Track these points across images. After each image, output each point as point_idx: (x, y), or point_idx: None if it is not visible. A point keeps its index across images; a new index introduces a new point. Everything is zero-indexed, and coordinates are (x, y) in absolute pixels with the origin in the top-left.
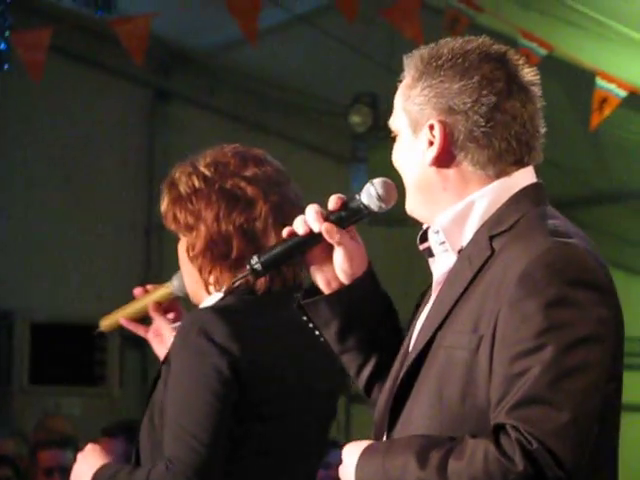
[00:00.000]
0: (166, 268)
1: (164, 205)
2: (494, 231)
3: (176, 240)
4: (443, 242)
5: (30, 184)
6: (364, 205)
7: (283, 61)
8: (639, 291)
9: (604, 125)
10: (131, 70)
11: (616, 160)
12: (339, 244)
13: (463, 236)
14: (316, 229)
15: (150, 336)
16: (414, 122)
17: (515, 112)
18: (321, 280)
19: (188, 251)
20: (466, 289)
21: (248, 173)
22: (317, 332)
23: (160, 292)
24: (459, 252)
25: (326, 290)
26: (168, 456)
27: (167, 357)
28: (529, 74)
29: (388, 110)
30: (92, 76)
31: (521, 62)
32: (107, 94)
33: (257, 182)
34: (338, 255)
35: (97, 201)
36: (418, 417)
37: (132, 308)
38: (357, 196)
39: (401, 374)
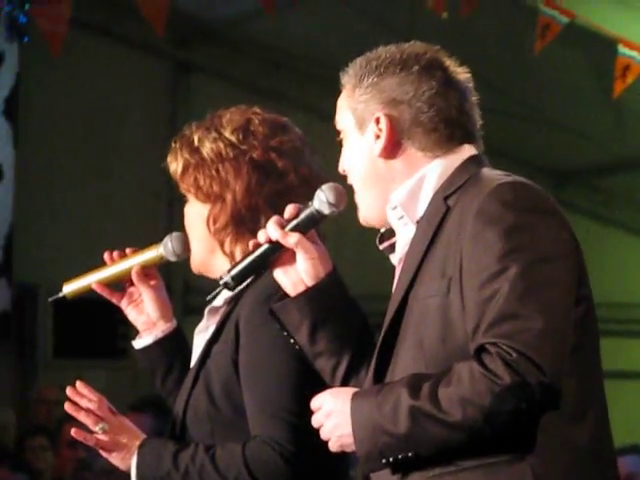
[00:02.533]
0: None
1: (180, 166)
2: (447, 192)
3: None
4: (402, 217)
5: (52, 158)
6: (316, 210)
7: (302, 31)
8: None
9: (627, 93)
10: (152, 42)
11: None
12: (297, 248)
13: (419, 207)
14: (274, 237)
15: (124, 304)
16: (360, 119)
17: (456, 102)
18: (288, 285)
19: (209, 222)
20: (429, 246)
21: (277, 143)
22: (292, 340)
23: (148, 256)
24: (417, 222)
25: (293, 294)
26: (271, 437)
27: (217, 335)
28: (462, 73)
29: None
30: (113, 48)
31: (452, 62)
32: (128, 66)
33: (287, 154)
34: (300, 258)
35: (121, 174)
36: (402, 369)
37: (109, 272)
38: (310, 203)
39: (380, 338)
